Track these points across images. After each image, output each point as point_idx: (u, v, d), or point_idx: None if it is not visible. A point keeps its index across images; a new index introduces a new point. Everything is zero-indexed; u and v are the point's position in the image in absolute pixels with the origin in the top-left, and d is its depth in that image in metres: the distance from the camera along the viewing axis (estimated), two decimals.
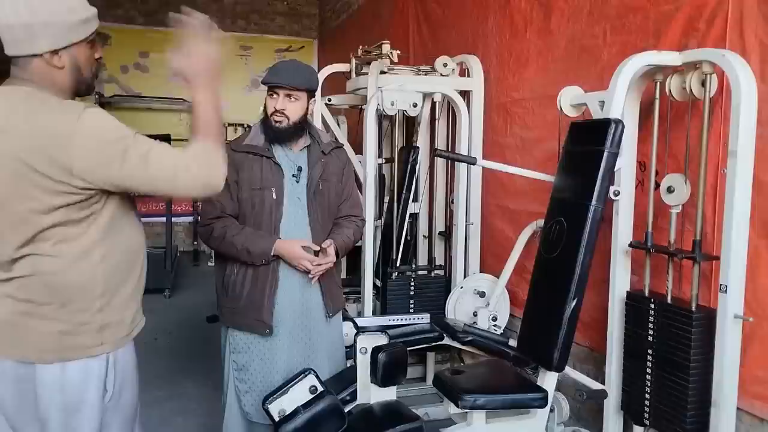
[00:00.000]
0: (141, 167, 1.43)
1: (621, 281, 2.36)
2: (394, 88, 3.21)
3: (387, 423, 2.08)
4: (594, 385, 2.33)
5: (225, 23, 8.20)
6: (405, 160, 3.59)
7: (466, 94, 3.52)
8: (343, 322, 2.58)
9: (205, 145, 1.49)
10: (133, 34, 7.79)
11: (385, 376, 2.14)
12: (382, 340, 2.22)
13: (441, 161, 3.73)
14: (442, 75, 3.48)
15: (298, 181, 2.30)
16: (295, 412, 2.04)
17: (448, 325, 2.91)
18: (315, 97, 2.38)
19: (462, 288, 3.30)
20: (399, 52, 3.59)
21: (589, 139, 2.23)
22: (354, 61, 3.63)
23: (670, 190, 2.16)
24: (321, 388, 2.11)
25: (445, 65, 3.48)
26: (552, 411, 2.33)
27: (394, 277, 3.40)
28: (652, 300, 2.21)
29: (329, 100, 3.97)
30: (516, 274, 3.14)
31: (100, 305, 1.52)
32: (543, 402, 2.18)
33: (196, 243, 7.83)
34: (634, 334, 2.27)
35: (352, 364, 2.32)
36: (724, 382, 1.99)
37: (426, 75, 3.49)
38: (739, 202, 1.94)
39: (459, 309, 3.27)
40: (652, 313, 2.20)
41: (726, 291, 1.96)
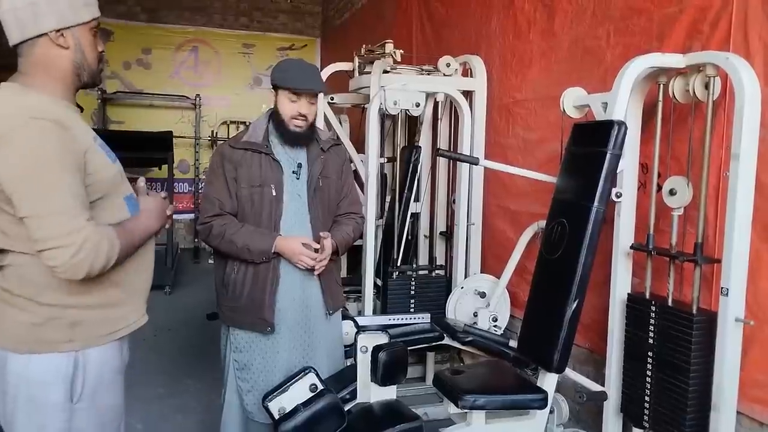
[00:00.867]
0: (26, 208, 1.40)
1: (622, 283, 2.36)
2: (396, 87, 3.21)
3: (386, 422, 2.08)
4: (594, 386, 2.33)
5: (228, 21, 8.22)
6: (407, 159, 3.59)
7: (468, 95, 3.52)
8: (343, 321, 2.58)
9: (112, 243, 1.46)
10: (136, 31, 7.80)
11: (385, 375, 2.14)
12: (382, 340, 2.22)
13: (443, 161, 3.73)
14: (445, 75, 3.48)
15: (298, 178, 2.30)
16: (294, 410, 2.05)
17: (449, 325, 2.91)
18: None
19: (463, 288, 3.30)
20: (402, 51, 3.59)
21: (592, 141, 2.23)
22: (357, 60, 3.64)
23: (672, 193, 2.16)
24: (321, 387, 2.11)
25: (448, 65, 3.48)
26: (551, 412, 2.33)
27: (394, 276, 3.40)
28: (653, 302, 2.21)
29: (332, 99, 3.98)
30: (517, 274, 3.14)
31: (74, 302, 1.50)
32: (543, 403, 2.19)
33: (196, 240, 7.84)
34: (634, 337, 2.27)
35: (352, 363, 2.32)
36: (725, 385, 1.98)
37: (429, 75, 3.49)
38: (741, 205, 1.93)
39: (459, 309, 3.27)
40: (653, 315, 2.19)
41: (727, 294, 1.96)
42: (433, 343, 2.91)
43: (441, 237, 3.77)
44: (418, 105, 3.30)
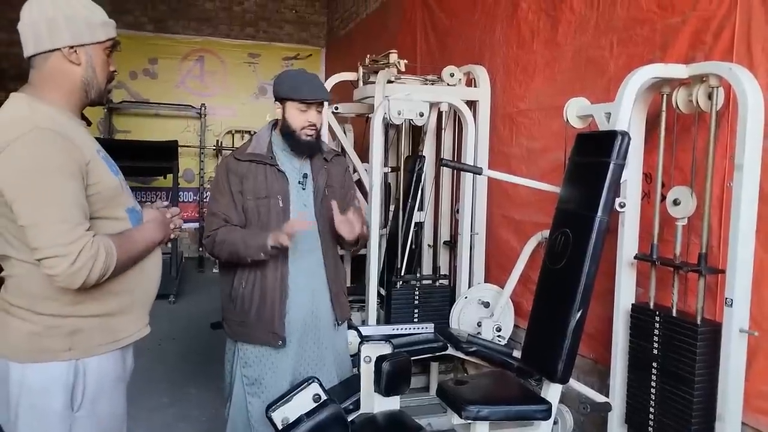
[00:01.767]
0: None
1: (626, 293, 2.36)
2: (401, 97, 3.22)
3: None
4: (598, 397, 2.32)
5: (234, 31, 8.27)
6: (411, 169, 3.59)
7: (472, 104, 3.53)
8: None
9: (110, 253, 1.46)
10: (143, 41, 7.86)
11: (388, 385, 2.13)
12: (386, 350, 2.21)
13: (447, 170, 3.74)
14: (449, 85, 3.50)
15: (304, 188, 2.31)
16: (298, 421, 2.05)
17: (452, 335, 2.91)
18: None
19: (466, 298, 3.29)
20: (406, 61, 3.60)
21: (596, 151, 2.23)
22: (361, 70, 3.66)
23: (676, 203, 2.16)
24: (324, 397, 2.11)
25: (452, 75, 3.49)
26: (555, 423, 2.32)
27: (398, 286, 3.40)
28: (657, 313, 2.20)
29: (336, 109, 4.00)
30: (521, 284, 3.13)
31: (73, 311, 1.51)
32: (546, 414, 2.17)
33: (201, 249, 7.85)
34: (638, 347, 2.26)
35: (355, 373, 2.32)
36: (729, 396, 1.97)
37: (433, 84, 3.50)
38: (744, 215, 1.93)
39: (463, 319, 3.27)
40: (657, 325, 2.19)
41: (731, 305, 1.95)
42: (437, 354, 2.91)
43: (445, 246, 3.77)
44: (422, 115, 3.31)
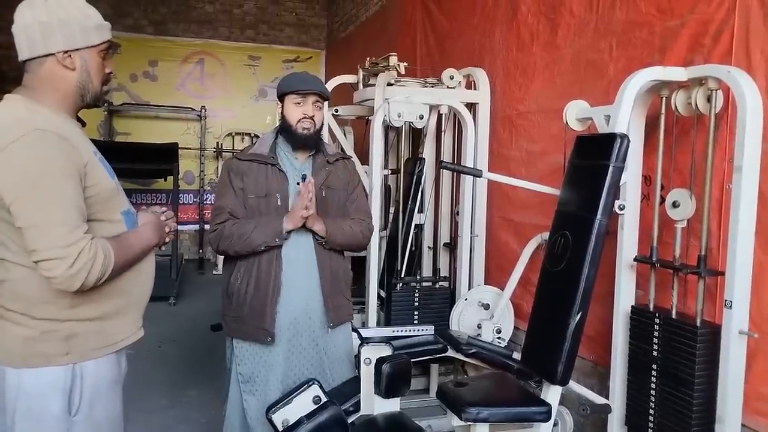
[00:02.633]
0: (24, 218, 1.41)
1: (626, 295, 2.36)
2: (400, 99, 3.23)
3: None
4: (598, 399, 2.32)
5: (234, 33, 8.29)
6: (411, 171, 3.60)
7: (472, 107, 3.54)
8: None
9: (107, 256, 1.47)
10: (142, 43, 7.87)
11: (388, 387, 2.14)
12: (386, 352, 2.22)
13: (446, 173, 3.74)
14: (448, 87, 3.50)
15: None
16: (298, 423, 2.05)
17: (452, 337, 2.91)
18: None
19: (466, 300, 3.30)
20: (406, 64, 3.61)
21: (595, 153, 2.24)
22: (361, 72, 3.67)
23: (675, 205, 2.16)
24: (324, 399, 2.11)
25: (451, 78, 3.50)
26: (555, 425, 2.33)
27: (398, 288, 3.40)
28: (657, 315, 2.20)
29: (336, 111, 4.01)
30: (520, 286, 3.14)
31: (69, 316, 1.50)
32: (546, 416, 2.18)
33: (201, 251, 7.86)
34: (638, 349, 2.27)
35: (355, 375, 2.32)
36: (729, 398, 1.98)
37: (432, 87, 3.51)
38: (744, 217, 1.94)
39: (463, 321, 3.27)
40: (657, 327, 2.19)
41: (731, 306, 1.96)
42: (437, 355, 2.91)
43: (445, 248, 3.78)
44: (421, 117, 3.31)
